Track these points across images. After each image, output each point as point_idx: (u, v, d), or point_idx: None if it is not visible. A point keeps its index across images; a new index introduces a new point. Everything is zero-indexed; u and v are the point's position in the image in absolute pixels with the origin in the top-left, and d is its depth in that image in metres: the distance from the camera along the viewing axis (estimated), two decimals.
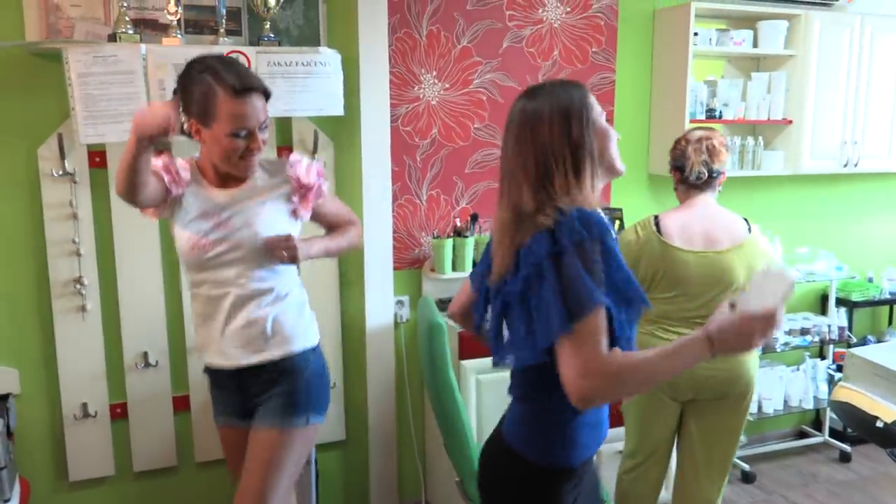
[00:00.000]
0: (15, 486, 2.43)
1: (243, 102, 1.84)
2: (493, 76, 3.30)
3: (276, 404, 2.03)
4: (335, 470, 3.24)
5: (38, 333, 2.74)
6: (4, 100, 2.60)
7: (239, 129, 1.86)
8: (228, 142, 1.87)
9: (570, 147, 1.50)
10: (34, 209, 2.67)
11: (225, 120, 1.85)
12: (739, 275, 2.51)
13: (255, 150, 1.91)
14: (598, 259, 1.40)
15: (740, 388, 2.56)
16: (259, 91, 1.90)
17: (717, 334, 1.39)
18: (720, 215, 2.58)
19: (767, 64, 3.75)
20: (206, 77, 1.85)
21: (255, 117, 1.88)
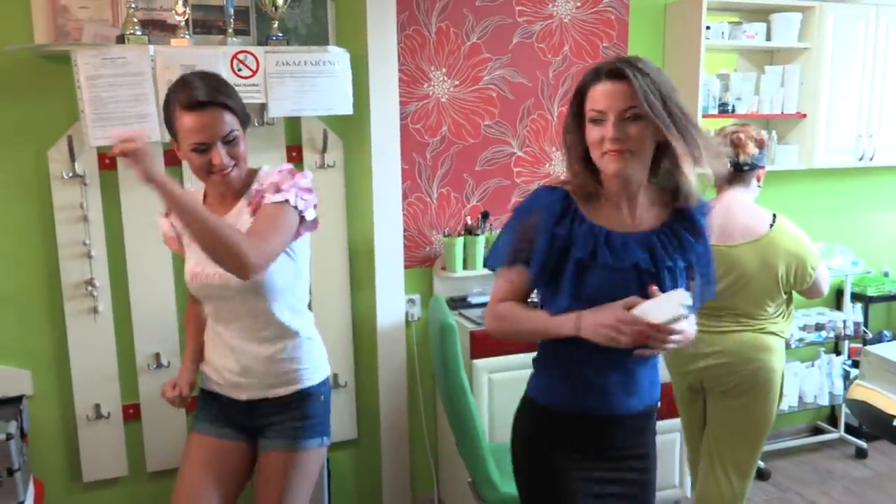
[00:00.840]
0: (29, 488, 2.44)
1: (195, 116, 1.79)
2: (503, 72, 3.28)
3: (290, 427, 2.00)
4: (347, 469, 3.24)
5: (50, 335, 2.75)
6: (14, 102, 2.60)
7: (195, 145, 1.81)
8: (192, 158, 1.84)
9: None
10: (45, 211, 2.67)
11: (183, 136, 1.83)
12: (750, 269, 2.53)
13: (217, 164, 1.82)
14: (512, 227, 1.71)
15: (746, 384, 2.57)
16: (215, 105, 1.81)
17: (584, 318, 1.58)
18: (742, 211, 2.58)
19: (781, 57, 3.70)
20: (169, 95, 1.86)
21: (210, 131, 1.80)
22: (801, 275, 2.58)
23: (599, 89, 1.59)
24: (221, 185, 1.90)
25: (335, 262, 3.03)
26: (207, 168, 1.84)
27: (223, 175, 1.86)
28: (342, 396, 3.13)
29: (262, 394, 1.99)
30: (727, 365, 2.59)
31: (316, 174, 2.95)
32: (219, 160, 1.82)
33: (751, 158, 2.58)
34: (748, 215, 2.58)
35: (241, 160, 1.89)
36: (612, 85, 1.57)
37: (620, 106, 1.56)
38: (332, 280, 3.05)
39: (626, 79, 1.55)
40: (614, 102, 1.56)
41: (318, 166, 2.96)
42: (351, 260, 3.08)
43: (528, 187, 3.40)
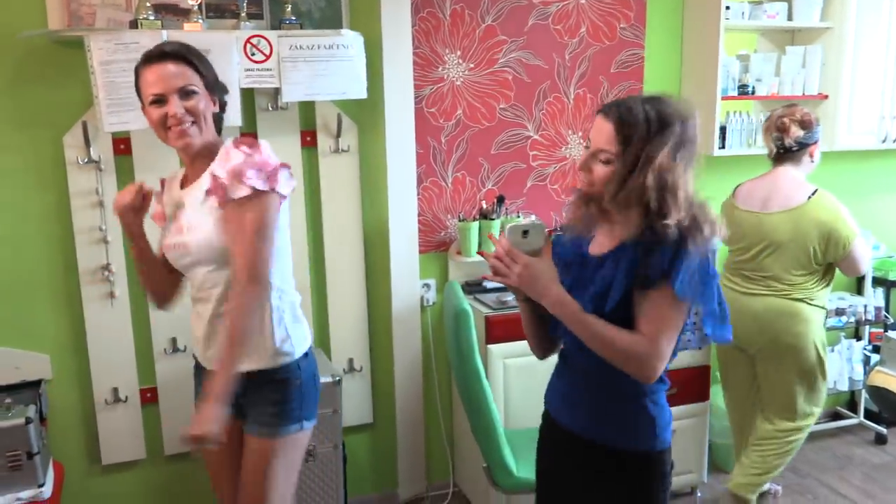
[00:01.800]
0: (49, 470, 2.47)
1: (151, 69, 1.84)
2: (519, 55, 3.24)
3: (267, 412, 1.96)
4: (363, 453, 3.25)
5: (68, 320, 2.77)
6: (29, 88, 2.61)
7: (152, 97, 1.84)
8: (151, 112, 1.85)
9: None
10: (61, 197, 2.68)
11: (143, 91, 1.87)
12: (782, 236, 2.81)
13: (172, 115, 1.82)
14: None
15: (774, 346, 2.88)
16: (171, 57, 1.84)
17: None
18: (786, 183, 2.87)
19: (802, 37, 3.63)
20: (136, 65, 1.91)
21: (167, 82, 1.82)
22: (833, 247, 2.79)
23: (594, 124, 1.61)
24: (183, 148, 1.88)
25: (350, 246, 3.03)
26: (164, 122, 1.84)
27: (180, 130, 1.84)
28: (358, 381, 3.14)
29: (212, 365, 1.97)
30: (753, 327, 2.88)
31: (330, 159, 2.96)
32: (174, 111, 1.82)
33: (795, 140, 2.84)
34: (789, 187, 2.85)
35: (199, 118, 1.86)
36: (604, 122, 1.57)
37: (600, 146, 1.57)
38: (347, 265, 3.04)
39: (610, 120, 1.56)
40: (596, 139, 1.58)
41: (333, 151, 2.95)
42: (366, 245, 3.08)
43: (544, 171, 3.37)
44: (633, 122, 1.53)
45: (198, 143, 1.88)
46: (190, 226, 1.90)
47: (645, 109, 1.54)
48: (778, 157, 2.90)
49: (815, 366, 2.91)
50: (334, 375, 2.77)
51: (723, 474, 3.52)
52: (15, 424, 2.30)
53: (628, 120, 1.53)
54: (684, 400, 3.18)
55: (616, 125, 1.54)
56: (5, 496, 2.29)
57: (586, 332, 1.57)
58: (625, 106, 1.56)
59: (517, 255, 1.56)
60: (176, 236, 1.93)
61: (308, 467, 2.76)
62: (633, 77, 3.42)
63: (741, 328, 2.81)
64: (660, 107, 1.55)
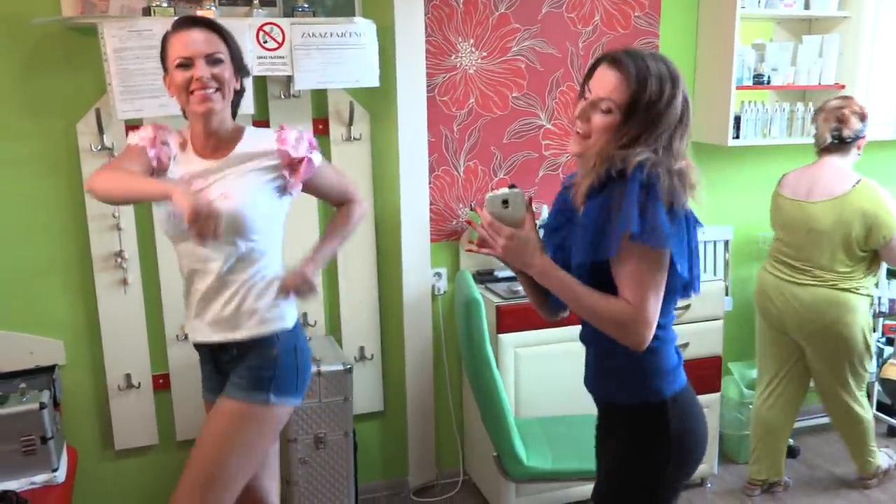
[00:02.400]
0: (63, 455, 2.49)
1: (182, 34, 1.86)
2: (532, 43, 3.22)
3: (240, 377, 1.96)
4: (374, 440, 3.26)
5: (81, 306, 2.79)
6: (43, 75, 2.62)
7: (180, 59, 1.84)
8: (176, 75, 1.86)
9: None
10: (74, 184, 2.70)
11: (171, 55, 1.87)
12: (824, 224, 2.89)
13: (198, 78, 1.83)
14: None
15: (821, 335, 2.98)
16: (204, 25, 1.89)
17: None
18: (831, 173, 2.95)
19: (819, 26, 3.59)
20: (165, 32, 1.93)
21: (196, 46, 1.85)
22: (875, 235, 2.87)
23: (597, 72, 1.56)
24: (204, 114, 1.86)
25: (362, 235, 3.03)
26: (188, 85, 1.84)
27: (203, 95, 1.84)
28: (368, 369, 3.15)
29: (223, 336, 1.96)
30: (802, 316, 2.98)
31: (342, 147, 2.96)
32: (199, 73, 1.83)
33: (853, 132, 2.92)
34: (834, 177, 2.93)
35: (224, 86, 1.88)
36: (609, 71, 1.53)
37: (602, 94, 1.53)
38: (358, 253, 3.04)
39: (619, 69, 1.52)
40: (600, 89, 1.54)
41: (345, 139, 2.95)
42: (377, 233, 3.08)
43: (557, 160, 3.35)
44: (645, 75, 1.49)
45: (219, 110, 1.88)
46: (226, 193, 1.87)
47: (657, 64, 1.51)
48: (827, 148, 2.97)
49: (864, 351, 3.03)
50: (345, 363, 2.77)
51: (733, 465, 3.51)
52: (29, 409, 2.32)
53: (641, 71, 1.50)
54: (696, 390, 3.16)
55: (625, 75, 1.50)
56: (20, 480, 2.31)
57: (572, 302, 1.55)
58: (638, 56, 1.52)
59: (499, 227, 1.53)
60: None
61: (319, 454, 2.78)
62: None
63: (788, 315, 3.02)
64: (669, 65, 1.53)
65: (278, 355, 1.97)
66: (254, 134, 1.99)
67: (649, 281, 1.49)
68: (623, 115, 1.51)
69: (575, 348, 3.07)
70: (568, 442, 2.64)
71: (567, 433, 2.71)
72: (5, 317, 2.71)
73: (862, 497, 3.25)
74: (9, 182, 2.64)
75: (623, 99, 1.50)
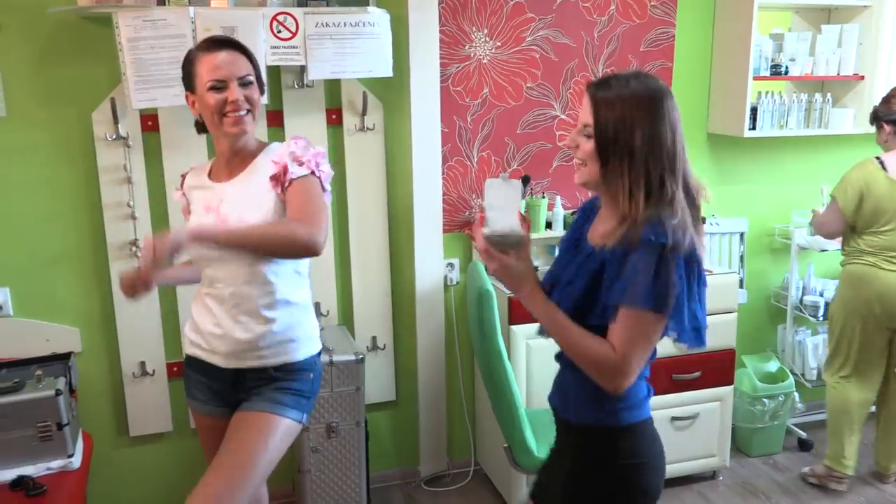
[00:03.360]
0: (78, 441, 2.51)
1: (215, 54, 1.85)
2: (547, 33, 3.20)
3: (273, 393, 1.95)
4: (385, 430, 3.28)
5: (97, 294, 2.81)
6: (59, 65, 2.63)
7: (213, 80, 1.83)
8: (207, 97, 1.84)
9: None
10: (90, 173, 2.71)
11: (202, 75, 1.85)
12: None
13: (233, 101, 1.83)
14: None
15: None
16: (232, 46, 1.88)
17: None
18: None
19: (839, 16, 3.54)
20: (189, 51, 1.93)
21: (229, 68, 1.84)
22: None
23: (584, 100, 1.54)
24: (235, 135, 1.87)
25: (374, 225, 3.03)
26: (221, 108, 1.84)
27: (237, 117, 1.85)
28: (381, 359, 3.16)
29: (249, 363, 1.94)
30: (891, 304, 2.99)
31: (355, 137, 2.96)
32: (234, 96, 1.83)
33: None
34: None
35: (254, 108, 1.89)
36: (587, 98, 1.52)
37: (584, 121, 1.52)
38: (371, 243, 3.05)
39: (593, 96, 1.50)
40: (582, 115, 1.53)
41: (358, 129, 2.94)
42: (390, 223, 3.08)
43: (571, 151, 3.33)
44: (611, 94, 1.47)
45: (250, 132, 1.90)
46: (241, 216, 1.86)
47: (629, 82, 1.47)
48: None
49: None
50: (357, 353, 2.78)
51: (744, 458, 3.50)
52: (45, 396, 2.35)
53: (605, 91, 1.48)
54: (708, 383, 3.16)
55: (592, 96, 1.49)
56: (36, 465, 2.34)
57: (556, 333, 1.52)
58: (611, 79, 1.50)
59: (492, 254, 1.52)
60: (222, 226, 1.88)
61: (331, 444, 2.79)
62: (663, 56, 3.37)
63: (891, 305, 3.01)
64: (646, 81, 1.49)
65: (313, 380, 2.03)
66: (271, 149, 1.95)
67: (642, 340, 1.47)
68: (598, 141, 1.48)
69: None
70: None
71: None
72: (22, 304, 2.74)
73: (877, 492, 3.23)
74: (25, 170, 2.67)
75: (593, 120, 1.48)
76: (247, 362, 1.95)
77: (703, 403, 3.18)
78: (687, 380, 3.13)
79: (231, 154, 1.93)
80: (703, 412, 3.18)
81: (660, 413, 3.12)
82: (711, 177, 3.58)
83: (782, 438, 3.57)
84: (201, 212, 1.96)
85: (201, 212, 1.96)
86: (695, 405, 3.17)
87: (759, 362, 3.61)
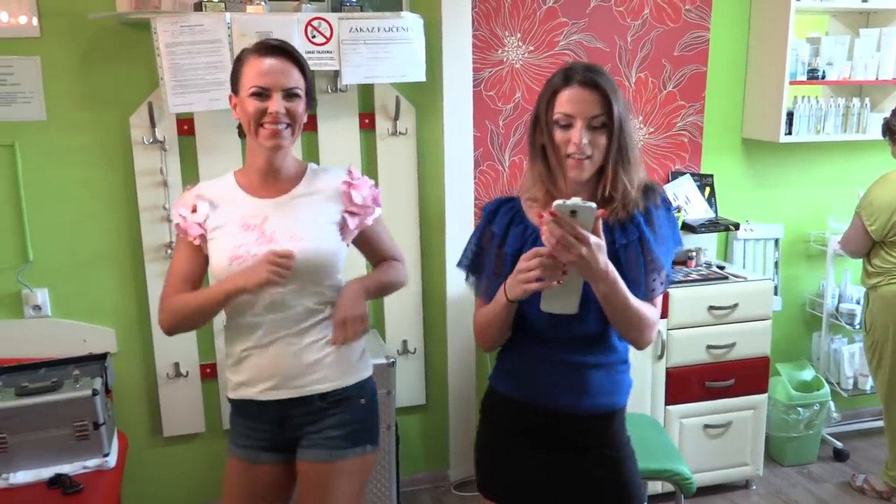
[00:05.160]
0: (114, 441, 2.55)
1: (263, 59, 1.73)
2: (580, 37, 3.19)
3: (326, 436, 1.83)
4: (415, 433, 3.28)
5: (132, 296, 2.85)
6: (98, 69, 2.68)
7: (256, 86, 1.71)
8: (248, 103, 1.73)
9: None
10: (127, 176, 2.75)
11: (247, 79, 1.74)
12: None
13: (273, 113, 1.71)
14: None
15: None
16: (285, 54, 1.75)
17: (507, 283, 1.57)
18: None
19: (877, 19, 3.49)
20: (243, 50, 1.80)
21: (275, 77, 1.72)
22: None
23: (569, 94, 1.56)
24: (270, 149, 1.75)
25: (406, 229, 3.04)
26: (260, 117, 1.72)
27: (274, 130, 1.73)
28: (412, 363, 3.16)
29: (296, 392, 1.81)
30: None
31: (388, 141, 2.97)
32: (275, 108, 1.71)
33: None
34: None
35: (295, 123, 1.77)
36: (584, 91, 1.55)
37: (590, 112, 1.54)
38: (402, 247, 3.02)
39: (598, 87, 1.55)
40: (585, 108, 1.54)
41: (390, 133, 2.96)
42: (421, 227, 3.08)
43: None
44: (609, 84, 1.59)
45: (286, 147, 1.78)
46: (293, 237, 1.77)
47: (601, 72, 1.60)
48: None
49: None
50: (388, 357, 2.79)
51: (778, 467, 3.45)
52: (82, 395, 2.38)
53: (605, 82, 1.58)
54: (742, 391, 3.12)
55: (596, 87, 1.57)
56: (73, 464, 2.37)
57: (627, 308, 1.54)
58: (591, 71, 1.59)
59: (580, 234, 1.41)
60: (262, 245, 1.76)
61: None
62: (698, 60, 3.34)
63: None
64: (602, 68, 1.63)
65: (367, 405, 1.91)
66: (318, 172, 1.89)
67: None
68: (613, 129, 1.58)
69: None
70: None
71: None
72: (61, 305, 2.79)
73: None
74: (65, 172, 2.71)
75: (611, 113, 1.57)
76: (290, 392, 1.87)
77: (737, 411, 3.14)
78: (720, 387, 3.09)
79: (269, 169, 1.80)
80: (737, 420, 3.14)
81: (692, 420, 3.10)
82: (746, 182, 3.54)
83: (817, 448, 3.52)
84: (237, 228, 1.79)
85: (237, 228, 1.79)
86: (728, 413, 3.13)
87: (794, 370, 3.56)
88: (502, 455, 1.77)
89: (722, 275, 3.18)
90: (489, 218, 1.71)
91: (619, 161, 1.57)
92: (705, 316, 3.04)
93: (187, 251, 1.84)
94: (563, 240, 1.40)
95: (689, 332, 3.04)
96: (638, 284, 1.58)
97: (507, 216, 1.69)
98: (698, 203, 3.39)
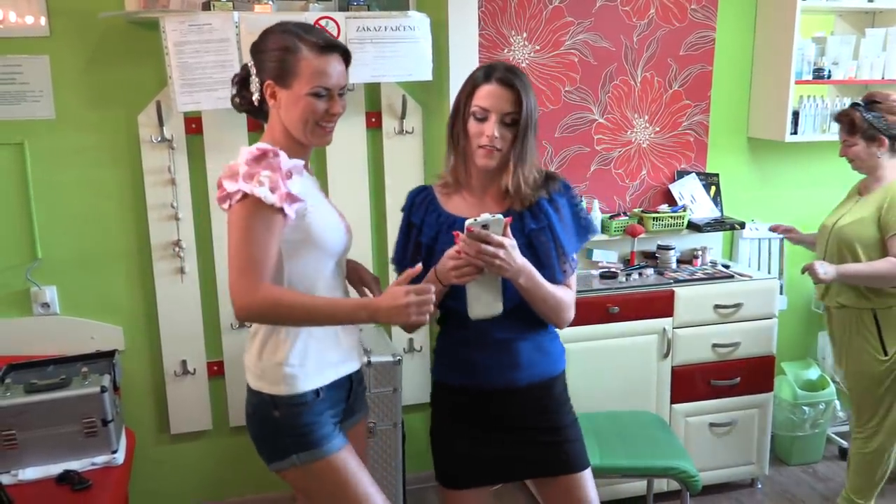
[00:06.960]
0: (122, 438, 2.56)
1: (327, 59, 1.69)
2: (586, 37, 3.19)
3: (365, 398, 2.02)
4: (422, 431, 3.27)
5: (140, 293, 2.87)
6: (107, 68, 2.69)
7: (320, 87, 1.68)
8: (307, 102, 1.68)
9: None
10: (135, 174, 2.77)
11: (306, 77, 1.67)
12: None
13: (336, 114, 1.73)
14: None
15: None
16: (342, 53, 1.74)
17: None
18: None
19: (884, 18, 3.49)
20: (288, 36, 1.69)
21: (338, 78, 1.71)
22: None
23: (487, 89, 1.73)
24: (319, 145, 1.80)
25: None
26: (320, 117, 1.71)
27: (330, 128, 1.75)
28: (417, 360, 3.17)
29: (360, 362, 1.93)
30: None
31: (394, 140, 2.97)
32: (337, 110, 1.72)
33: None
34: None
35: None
36: (501, 89, 1.72)
37: (504, 109, 1.72)
38: None
39: (514, 87, 1.72)
40: (500, 104, 1.72)
41: (397, 132, 2.97)
42: None
43: (609, 155, 3.33)
44: (522, 82, 1.75)
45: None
46: (341, 213, 1.90)
47: (516, 70, 1.77)
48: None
49: None
50: (394, 355, 2.80)
51: (784, 466, 3.45)
52: (91, 393, 2.39)
53: (518, 81, 1.74)
54: (747, 390, 3.13)
55: (511, 86, 1.74)
56: (81, 460, 2.38)
57: (549, 298, 1.74)
58: (508, 70, 1.76)
59: (492, 239, 1.61)
60: (343, 220, 1.88)
61: (368, 444, 2.79)
62: (703, 59, 3.34)
63: None
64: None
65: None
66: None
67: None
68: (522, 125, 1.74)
69: (624, 344, 3.05)
70: (616, 438, 2.63)
71: (615, 429, 2.70)
72: (69, 303, 2.81)
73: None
74: (73, 171, 2.73)
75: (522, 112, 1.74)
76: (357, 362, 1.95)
77: (742, 410, 3.14)
78: (726, 386, 3.10)
79: (307, 158, 1.83)
80: (742, 419, 3.15)
81: (698, 419, 3.10)
82: (751, 181, 3.54)
83: (822, 447, 3.52)
84: (321, 198, 1.84)
85: (321, 198, 1.84)
86: (733, 412, 3.13)
87: (800, 369, 3.56)
88: (454, 442, 1.88)
89: (727, 274, 3.18)
90: (409, 211, 1.90)
91: (518, 157, 1.74)
92: (711, 315, 3.05)
93: (278, 228, 1.65)
94: (480, 252, 1.60)
95: (695, 331, 3.04)
96: (553, 269, 1.76)
97: (423, 206, 1.87)
98: (704, 202, 3.40)
